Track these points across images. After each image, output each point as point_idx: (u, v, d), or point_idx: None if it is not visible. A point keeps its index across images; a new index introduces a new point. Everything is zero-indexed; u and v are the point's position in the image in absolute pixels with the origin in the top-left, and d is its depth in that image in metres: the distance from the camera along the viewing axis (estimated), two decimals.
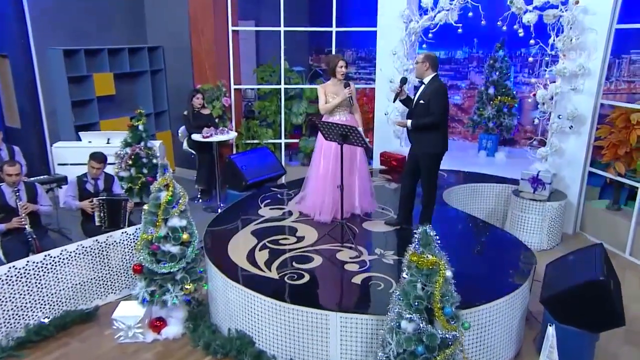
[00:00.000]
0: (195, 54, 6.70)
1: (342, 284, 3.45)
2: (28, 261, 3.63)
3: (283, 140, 6.92)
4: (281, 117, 6.82)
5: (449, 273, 2.47)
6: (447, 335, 2.43)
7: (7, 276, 3.50)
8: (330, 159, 4.52)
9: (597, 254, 3.39)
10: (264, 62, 7.93)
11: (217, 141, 5.73)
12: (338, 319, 3.04)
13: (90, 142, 6.17)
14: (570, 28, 5.00)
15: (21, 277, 3.58)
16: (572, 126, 5.24)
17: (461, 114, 8.03)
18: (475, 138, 7.87)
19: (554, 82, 5.27)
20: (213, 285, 3.71)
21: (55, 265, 3.78)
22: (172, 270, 3.57)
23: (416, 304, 2.43)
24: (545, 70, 5.32)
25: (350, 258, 3.78)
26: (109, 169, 5.08)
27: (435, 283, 2.42)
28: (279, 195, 5.25)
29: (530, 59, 5.39)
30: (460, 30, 5.63)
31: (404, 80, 4.23)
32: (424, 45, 6.00)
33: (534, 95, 5.40)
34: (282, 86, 6.77)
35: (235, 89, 6.72)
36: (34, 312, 3.69)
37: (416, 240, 2.51)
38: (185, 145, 6.22)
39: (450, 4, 5.58)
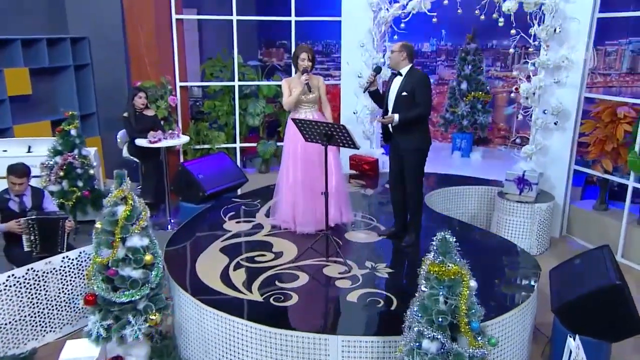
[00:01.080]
0: (132, 46, 6.45)
1: (337, 303, 3.40)
2: None
3: (238, 145, 6.79)
4: (235, 118, 6.69)
5: (473, 283, 2.48)
6: (475, 354, 2.43)
7: None
8: (299, 162, 4.47)
9: (605, 257, 3.55)
10: (209, 56, 7.79)
11: (166, 147, 5.53)
12: (339, 343, 2.98)
13: (5, 150, 5.77)
14: (553, 17, 5.25)
15: None
16: (557, 122, 5.48)
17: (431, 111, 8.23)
18: (446, 138, 8.10)
19: (535, 75, 5.51)
20: (182, 313, 3.54)
21: None
22: (133, 299, 3.36)
23: (440, 320, 2.42)
24: (528, 63, 5.54)
25: (339, 273, 3.73)
26: (34, 182, 4.75)
27: (460, 295, 2.42)
28: (243, 207, 5.12)
29: (511, 50, 5.58)
30: (435, 20, 5.77)
31: (378, 69, 4.30)
32: (395, 37, 6.08)
33: (517, 89, 5.61)
34: (236, 83, 6.65)
35: (181, 87, 6.51)
36: None
37: (434, 248, 2.51)
38: (125, 153, 5.94)
39: None
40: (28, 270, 3.70)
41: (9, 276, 3.60)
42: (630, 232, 5.30)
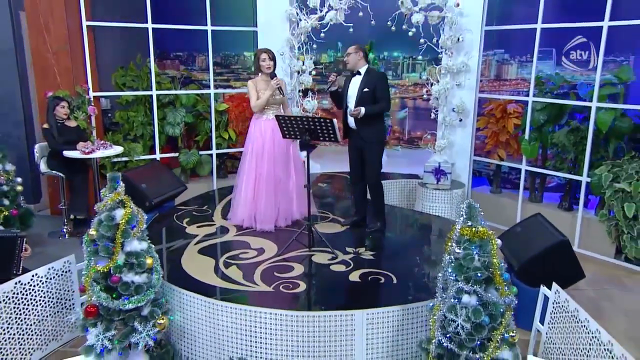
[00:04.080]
0: (37, 55, 5.86)
1: (344, 284, 3.53)
2: None
3: (158, 155, 6.49)
4: (154, 128, 6.41)
5: (498, 241, 2.83)
6: (505, 301, 2.77)
7: None
8: (264, 161, 4.52)
9: (543, 222, 4.18)
10: (104, 66, 7.33)
11: (96, 158, 5.16)
12: (364, 316, 3.13)
13: None
14: (455, 28, 5.96)
15: None
16: (461, 119, 6.21)
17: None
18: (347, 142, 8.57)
19: (436, 80, 6.19)
20: (185, 316, 3.40)
21: None
22: (140, 305, 3.16)
23: (478, 275, 2.72)
24: (435, 68, 6.20)
25: (328, 260, 3.87)
26: None
27: (491, 251, 2.75)
28: (194, 213, 4.98)
29: (420, 58, 6.20)
30: (351, 30, 6.16)
31: (339, 71, 4.57)
32: (315, 46, 6.37)
33: (428, 92, 6.25)
34: (154, 92, 6.37)
35: (94, 97, 6.06)
36: None
37: (463, 214, 2.81)
38: (44, 168, 5.36)
39: (340, 3, 6.09)
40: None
41: None
42: (524, 208, 6.17)
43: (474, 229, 2.78)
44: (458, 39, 5.94)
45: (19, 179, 4.89)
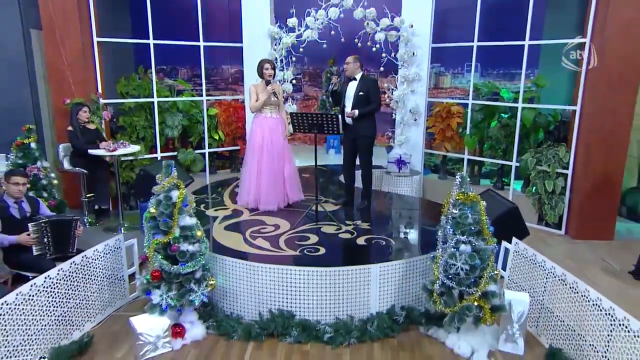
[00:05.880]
0: (52, 67, 5.76)
1: (354, 246, 3.86)
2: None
3: (159, 154, 6.54)
4: (155, 131, 6.45)
5: (484, 202, 3.27)
6: (490, 248, 3.21)
7: None
8: (263, 154, 4.72)
9: (494, 195, 4.69)
10: (106, 76, 7.25)
11: (114, 156, 5.18)
12: (378, 269, 3.48)
13: None
14: (409, 45, 6.45)
15: None
16: (416, 119, 6.70)
17: None
18: (311, 140, 8.89)
19: (395, 87, 6.67)
20: (227, 278, 3.61)
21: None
22: (194, 269, 3.35)
23: (472, 229, 3.14)
24: (395, 76, 6.66)
25: (335, 230, 4.19)
26: None
27: (480, 210, 3.19)
28: (206, 200, 5.13)
29: (382, 69, 6.61)
30: (325, 46, 6.51)
31: (338, 74, 4.86)
32: (293, 59, 6.65)
33: (389, 97, 6.69)
34: (155, 99, 6.42)
35: (104, 104, 6.04)
36: None
37: (457, 184, 3.23)
38: (67, 165, 5.31)
39: (315, 22, 6.41)
40: (71, 264, 3.33)
41: (59, 270, 3.21)
42: None
43: (466, 194, 3.21)
44: (413, 54, 6.43)
45: (53, 174, 4.86)
